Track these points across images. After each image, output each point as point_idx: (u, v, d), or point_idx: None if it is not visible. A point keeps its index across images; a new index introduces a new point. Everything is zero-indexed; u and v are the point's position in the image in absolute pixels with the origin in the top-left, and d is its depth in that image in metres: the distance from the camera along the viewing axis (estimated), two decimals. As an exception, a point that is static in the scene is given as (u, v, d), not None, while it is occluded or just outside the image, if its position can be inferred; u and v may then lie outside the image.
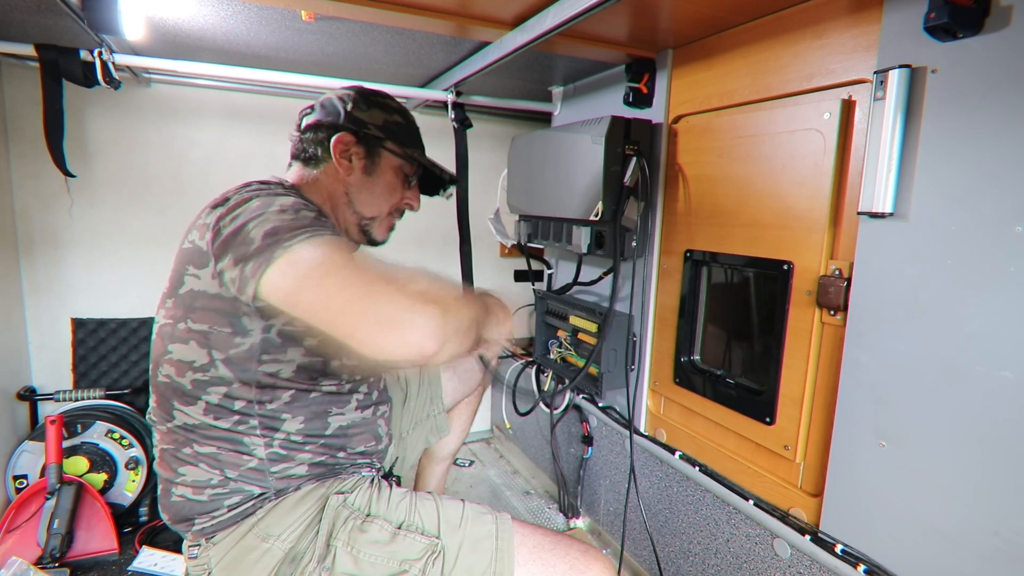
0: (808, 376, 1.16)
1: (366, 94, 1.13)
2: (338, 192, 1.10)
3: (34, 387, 2.02)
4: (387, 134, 1.11)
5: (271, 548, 0.94)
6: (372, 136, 1.10)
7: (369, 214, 1.14)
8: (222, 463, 0.94)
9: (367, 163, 1.11)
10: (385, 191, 1.14)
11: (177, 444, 0.95)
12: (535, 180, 1.73)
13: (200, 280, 0.88)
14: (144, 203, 2.11)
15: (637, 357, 1.65)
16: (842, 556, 1.08)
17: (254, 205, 0.84)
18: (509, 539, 1.00)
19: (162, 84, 2.08)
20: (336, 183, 1.10)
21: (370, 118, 1.10)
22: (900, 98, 0.94)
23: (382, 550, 0.95)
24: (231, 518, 0.95)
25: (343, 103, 1.10)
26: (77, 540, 1.74)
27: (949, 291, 0.91)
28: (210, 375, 0.92)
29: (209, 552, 0.95)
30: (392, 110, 1.14)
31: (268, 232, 0.79)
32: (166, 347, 0.93)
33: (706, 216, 1.41)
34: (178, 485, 0.96)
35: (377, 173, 1.12)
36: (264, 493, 0.96)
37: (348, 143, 1.08)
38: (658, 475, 1.60)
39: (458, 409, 1.56)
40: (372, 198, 1.13)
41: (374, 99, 1.13)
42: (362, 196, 1.12)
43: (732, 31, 1.32)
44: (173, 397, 0.94)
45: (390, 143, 1.12)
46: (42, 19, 1.43)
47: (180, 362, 0.92)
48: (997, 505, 0.87)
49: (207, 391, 0.92)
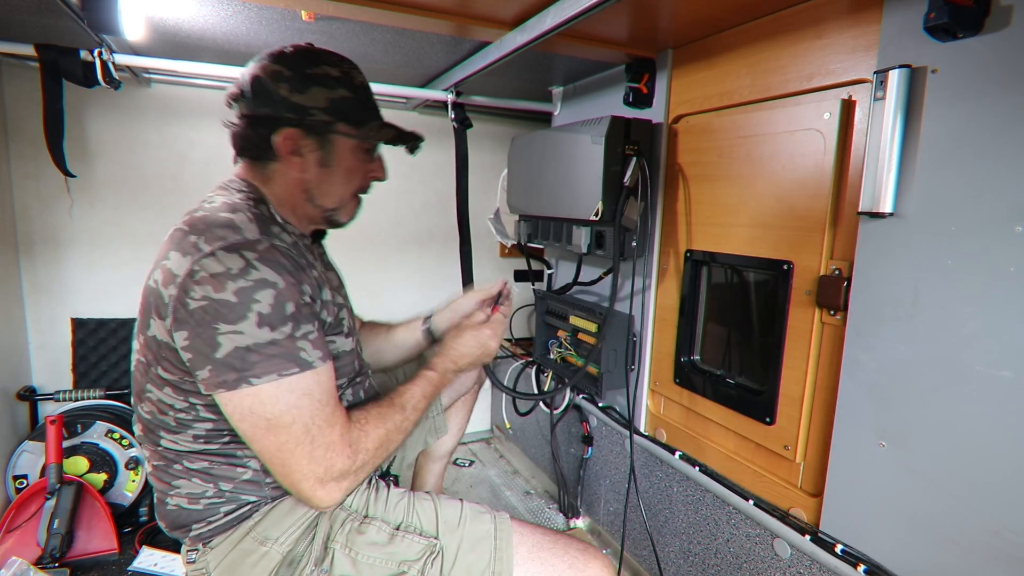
0: (808, 376, 1.16)
1: (298, 67, 0.92)
2: (296, 190, 0.98)
3: (34, 387, 2.02)
4: (336, 116, 0.94)
5: (269, 551, 0.93)
6: (319, 122, 0.93)
7: (333, 205, 1.01)
8: (215, 477, 0.92)
9: (321, 155, 0.96)
10: (346, 177, 1.00)
11: (167, 462, 0.93)
12: (535, 180, 1.73)
13: (163, 331, 0.83)
14: (144, 203, 2.11)
15: (637, 357, 1.65)
16: (842, 556, 1.08)
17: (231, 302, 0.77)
18: (508, 538, 1.00)
19: (162, 84, 2.08)
20: (291, 181, 0.97)
21: (311, 101, 0.92)
22: (900, 98, 0.94)
23: (380, 551, 0.95)
24: (228, 522, 0.94)
25: (276, 84, 0.91)
26: (77, 540, 1.74)
27: (949, 291, 0.91)
28: (193, 416, 0.88)
29: (207, 556, 0.95)
30: (334, 82, 0.94)
31: (239, 351, 0.78)
32: (144, 385, 0.89)
33: (706, 216, 1.41)
34: (173, 496, 0.94)
35: (335, 162, 0.97)
36: (261, 500, 0.95)
37: (294, 137, 0.93)
38: (658, 475, 1.60)
39: (455, 408, 1.55)
40: (333, 188, 1.00)
41: (310, 73, 0.93)
42: (322, 188, 0.98)
43: (732, 31, 1.32)
44: (158, 429, 0.91)
45: (342, 125, 0.95)
46: (42, 19, 1.43)
47: (161, 402, 0.89)
48: (997, 505, 0.87)
49: (193, 427, 0.89)
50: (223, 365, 0.79)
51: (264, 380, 0.80)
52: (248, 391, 0.80)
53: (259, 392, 0.80)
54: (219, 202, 0.90)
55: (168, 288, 0.81)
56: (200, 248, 0.81)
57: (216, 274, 0.78)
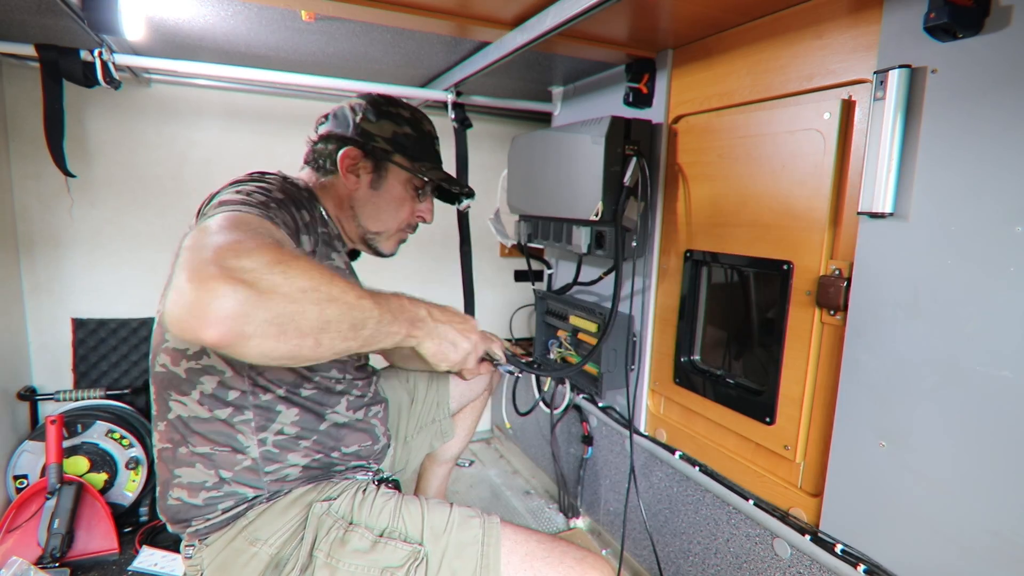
0: (808, 376, 1.16)
1: (378, 103, 1.11)
2: (343, 204, 1.10)
3: (34, 387, 2.02)
4: (395, 147, 1.09)
5: (258, 552, 0.94)
6: (379, 149, 1.08)
7: (374, 228, 1.13)
8: (217, 464, 0.95)
9: (373, 177, 1.09)
10: (392, 205, 1.12)
11: (174, 443, 0.96)
12: (535, 180, 1.73)
13: None
14: (144, 203, 2.11)
15: (637, 357, 1.65)
16: (842, 556, 1.08)
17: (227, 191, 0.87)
18: (496, 544, 0.97)
19: (162, 84, 2.08)
20: (342, 194, 1.10)
21: (379, 130, 1.08)
22: (900, 98, 0.94)
23: (363, 559, 0.93)
24: (224, 520, 0.95)
25: (354, 114, 1.09)
26: (77, 540, 1.74)
27: (949, 291, 0.91)
28: (203, 363, 0.93)
29: (202, 553, 0.96)
30: (403, 121, 1.11)
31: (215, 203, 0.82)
32: (163, 335, 0.96)
33: (706, 216, 1.41)
34: (174, 487, 0.96)
35: (384, 187, 1.11)
36: (258, 495, 0.96)
37: (355, 157, 1.07)
38: (658, 475, 1.61)
39: (463, 413, 1.55)
40: (377, 212, 1.11)
41: (385, 109, 1.10)
42: (366, 210, 1.11)
43: (732, 31, 1.32)
44: (169, 387, 0.95)
45: (398, 157, 1.10)
46: (42, 19, 1.43)
47: (175, 350, 0.94)
48: (997, 505, 0.87)
49: (200, 379, 0.93)
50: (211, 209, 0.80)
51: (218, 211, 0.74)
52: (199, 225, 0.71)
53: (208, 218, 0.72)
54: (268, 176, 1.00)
55: None
56: None
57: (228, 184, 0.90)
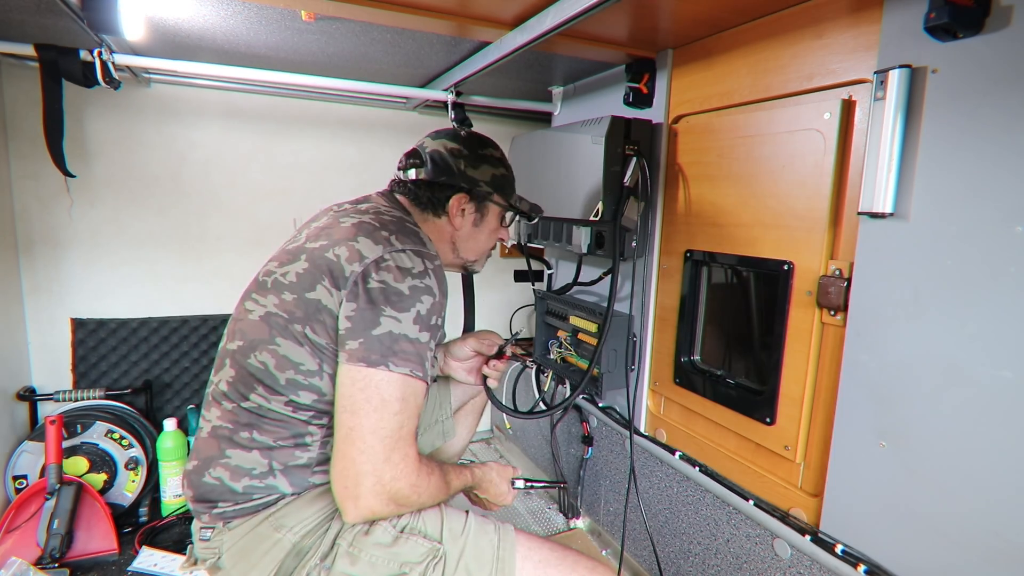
0: (808, 376, 1.16)
1: (474, 147, 1.17)
2: (445, 240, 1.19)
3: (34, 387, 2.02)
4: (495, 188, 1.18)
5: (281, 539, 0.95)
6: (483, 192, 1.17)
7: (472, 258, 1.25)
8: (273, 455, 0.95)
9: (476, 217, 1.19)
10: (488, 237, 1.24)
11: (238, 426, 0.96)
12: (535, 180, 1.73)
13: (330, 298, 0.93)
14: (144, 203, 2.11)
15: (637, 357, 1.65)
16: (842, 556, 1.08)
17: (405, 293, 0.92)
18: (511, 550, 1.01)
19: (162, 84, 2.08)
20: (444, 234, 1.18)
21: (481, 175, 1.16)
22: (900, 98, 0.94)
23: (384, 552, 0.96)
24: (254, 507, 0.96)
25: (455, 160, 1.14)
26: (77, 540, 1.74)
27: (949, 291, 0.91)
28: (310, 382, 0.94)
29: (223, 536, 0.96)
30: (497, 163, 1.20)
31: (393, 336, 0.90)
32: (273, 337, 0.95)
33: (706, 216, 1.41)
34: (218, 466, 0.96)
35: (483, 224, 1.21)
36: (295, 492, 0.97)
37: (463, 202, 1.15)
38: (658, 475, 1.60)
39: (463, 411, 1.56)
40: (477, 245, 1.23)
41: (482, 154, 1.18)
42: (468, 244, 1.21)
43: (732, 31, 1.32)
44: (259, 382, 0.95)
45: (497, 196, 1.19)
46: (42, 19, 1.43)
47: (285, 358, 0.94)
48: (997, 505, 0.87)
49: (298, 393, 0.94)
50: (375, 343, 0.89)
51: (399, 370, 0.90)
52: (383, 373, 0.89)
53: (391, 377, 0.89)
54: (397, 215, 1.07)
55: (353, 264, 0.92)
56: (392, 243, 0.95)
57: (402, 267, 0.93)
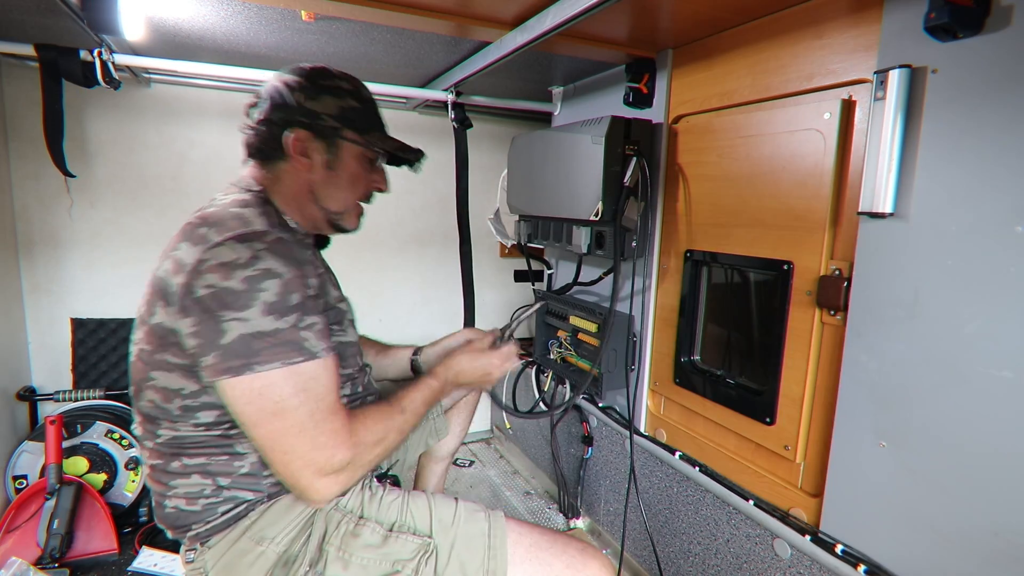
0: (808, 376, 1.16)
1: (314, 78, 1.01)
2: (302, 191, 1.03)
3: (34, 387, 2.02)
4: (344, 122, 1.02)
5: (265, 551, 0.93)
6: (328, 127, 1.00)
7: (336, 208, 1.07)
8: (213, 473, 0.92)
9: (328, 157, 1.02)
10: (350, 182, 1.06)
11: (165, 460, 0.93)
12: (535, 180, 1.73)
13: (169, 318, 0.85)
14: (144, 203, 2.11)
15: (637, 357, 1.65)
16: (842, 556, 1.08)
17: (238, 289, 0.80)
18: (502, 536, 1.00)
19: (162, 84, 2.08)
20: (298, 181, 1.03)
21: (323, 107, 1.00)
22: (900, 98, 0.94)
23: (375, 553, 0.95)
24: (225, 522, 0.94)
25: (291, 92, 0.99)
26: (77, 540, 1.74)
27: (949, 291, 0.91)
28: (200, 401, 0.89)
29: (205, 556, 0.95)
30: (344, 93, 1.03)
31: (245, 338, 0.80)
32: (148, 373, 0.90)
33: (706, 216, 1.41)
34: (171, 497, 0.94)
35: (340, 166, 1.04)
36: (257, 498, 0.95)
37: (304, 139, 0.99)
38: (658, 475, 1.60)
39: (456, 409, 1.55)
40: (338, 192, 1.05)
41: (323, 83, 1.02)
42: (327, 191, 1.04)
43: (732, 31, 1.32)
44: (160, 419, 0.92)
45: (349, 132, 1.02)
46: (42, 19, 1.43)
47: (166, 389, 0.89)
48: (997, 505, 0.86)
49: (196, 416, 0.90)
50: (229, 352, 0.81)
51: (269, 367, 0.82)
52: (254, 376, 0.82)
53: (267, 376, 0.82)
54: (229, 199, 0.95)
55: (176, 276, 0.84)
56: (209, 239, 0.84)
57: (224, 263, 0.81)
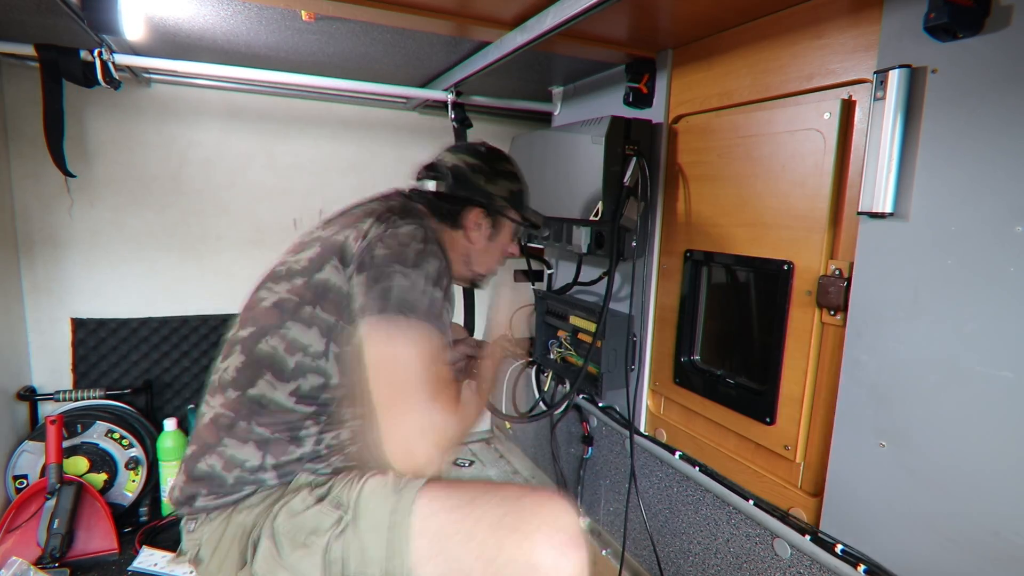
0: (808, 376, 1.16)
1: (492, 162, 1.19)
2: (458, 252, 1.19)
3: (34, 387, 2.02)
4: (511, 203, 1.20)
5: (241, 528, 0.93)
6: (499, 207, 1.18)
7: (483, 272, 1.25)
8: (269, 448, 0.94)
9: (491, 232, 1.20)
10: (499, 251, 1.25)
11: (237, 415, 0.95)
12: (535, 180, 1.72)
13: (339, 275, 0.95)
14: (144, 203, 2.11)
15: (637, 357, 1.65)
16: (842, 556, 1.08)
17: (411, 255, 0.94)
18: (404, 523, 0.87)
19: (162, 84, 2.08)
20: (459, 245, 1.19)
21: (498, 191, 1.18)
22: (900, 98, 0.94)
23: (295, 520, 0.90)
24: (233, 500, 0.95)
25: (475, 175, 1.16)
26: (77, 540, 1.74)
27: (949, 291, 0.91)
28: (317, 364, 0.95)
29: (204, 528, 0.96)
30: (514, 178, 1.21)
31: (406, 289, 0.91)
32: (284, 321, 0.96)
33: (706, 216, 1.41)
34: (213, 454, 0.95)
35: (497, 238, 1.22)
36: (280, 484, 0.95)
37: (478, 216, 1.16)
38: (658, 475, 1.60)
39: None
40: (488, 258, 1.23)
41: (500, 168, 1.19)
42: (481, 258, 1.22)
43: (732, 31, 1.32)
44: (268, 368, 0.95)
45: (512, 212, 1.20)
46: (42, 19, 1.43)
47: (295, 341, 0.95)
48: (997, 505, 0.87)
49: (306, 376, 0.95)
50: (394, 299, 0.91)
51: (423, 320, 0.91)
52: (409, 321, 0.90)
53: (420, 325, 0.91)
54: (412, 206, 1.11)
55: (358, 242, 0.95)
56: (396, 222, 0.98)
57: (404, 235, 0.96)
